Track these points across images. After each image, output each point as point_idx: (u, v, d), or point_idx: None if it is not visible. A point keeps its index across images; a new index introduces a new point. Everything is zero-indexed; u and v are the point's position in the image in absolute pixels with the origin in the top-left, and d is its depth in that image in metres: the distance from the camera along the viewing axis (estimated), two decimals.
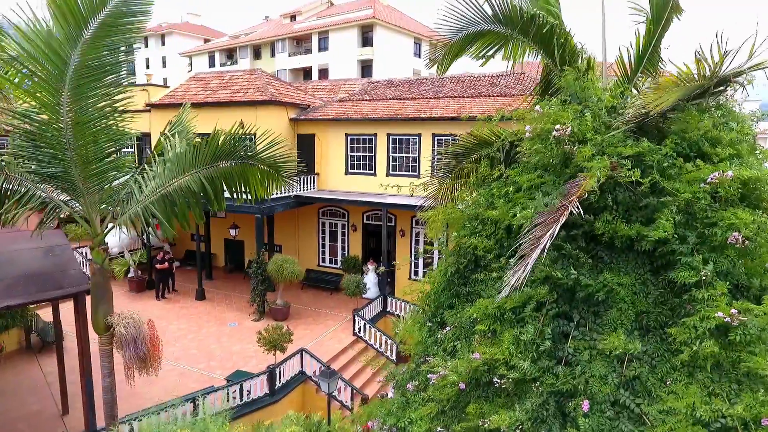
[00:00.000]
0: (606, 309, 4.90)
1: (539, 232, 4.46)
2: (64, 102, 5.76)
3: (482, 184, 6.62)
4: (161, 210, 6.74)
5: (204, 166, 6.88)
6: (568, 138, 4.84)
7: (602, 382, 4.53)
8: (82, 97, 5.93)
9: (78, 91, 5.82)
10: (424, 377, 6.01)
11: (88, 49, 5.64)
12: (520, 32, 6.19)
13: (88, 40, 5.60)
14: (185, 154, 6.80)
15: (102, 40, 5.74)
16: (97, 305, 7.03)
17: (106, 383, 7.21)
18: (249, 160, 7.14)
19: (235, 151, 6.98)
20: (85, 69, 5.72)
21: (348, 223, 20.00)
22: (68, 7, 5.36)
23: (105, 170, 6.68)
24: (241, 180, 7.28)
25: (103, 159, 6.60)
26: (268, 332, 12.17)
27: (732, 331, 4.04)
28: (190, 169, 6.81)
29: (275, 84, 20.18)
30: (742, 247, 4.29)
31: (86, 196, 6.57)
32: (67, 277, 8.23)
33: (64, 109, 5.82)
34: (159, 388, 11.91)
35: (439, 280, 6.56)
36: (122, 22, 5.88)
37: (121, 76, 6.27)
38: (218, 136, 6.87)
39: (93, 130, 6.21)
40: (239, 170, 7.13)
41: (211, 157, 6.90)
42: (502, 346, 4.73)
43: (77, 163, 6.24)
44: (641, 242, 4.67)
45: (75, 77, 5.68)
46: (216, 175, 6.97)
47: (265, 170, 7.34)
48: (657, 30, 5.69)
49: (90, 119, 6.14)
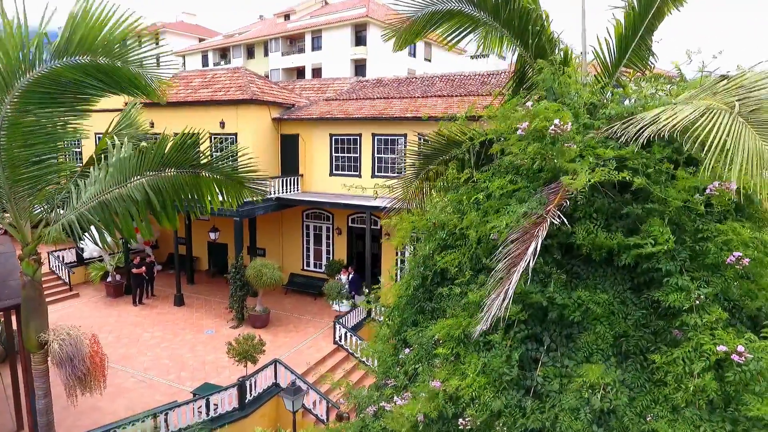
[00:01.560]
0: (580, 331, 4.31)
1: (516, 249, 3.86)
2: (6, 101, 5.10)
3: (451, 189, 6.03)
4: (100, 218, 6.10)
5: (149, 173, 6.16)
6: (566, 136, 4.19)
7: (573, 416, 3.94)
8: (30, 104, 5.27)
9: (26, 97, 5.15)
10: (387, 399, 5.43)
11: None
12: (492, 15, 5.56)
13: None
14: (129, 159, 6.10)
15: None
16: (28, 320, 6.40)
17: (40, 405, 6.58)
18: (202, 169, 6.40)
19: (185, 160, 6.24)
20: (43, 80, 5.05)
21: (333, 226, 19.38)
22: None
23: (38, 174, 6.04)
24: (194, 191, 6.52)
25: (36, 162, 5.95)
26: (239, 343, 11.54)
27: (730, 369, 3.45)
28: (133, 176, 6.11)
29: (258, 83, 19.56)
30: (740, 268, 3.71)
31: (14, 201, 5.94)
32: (5, 287, 7.61)
33: (4, 107, 5.17)
34: (123, 401, 11.32)
35: (403, 293, 5.98)
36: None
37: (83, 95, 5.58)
38: (166, 141, 6.15)
39: (26, 131, 5.56)
40: (191, 180, 6.37)
41: (158, 164, 6.16)
42: (467, 376, 4.13)
43: (5, 165, 5.62)
44: (622, 256, 4.08)
45: (29, 85, 5.02)
46: (163, 185, 6.22)
47: (223, 180, 6.59)
48: (644, 19, 5.04)
49: (29, 124, 5.49)
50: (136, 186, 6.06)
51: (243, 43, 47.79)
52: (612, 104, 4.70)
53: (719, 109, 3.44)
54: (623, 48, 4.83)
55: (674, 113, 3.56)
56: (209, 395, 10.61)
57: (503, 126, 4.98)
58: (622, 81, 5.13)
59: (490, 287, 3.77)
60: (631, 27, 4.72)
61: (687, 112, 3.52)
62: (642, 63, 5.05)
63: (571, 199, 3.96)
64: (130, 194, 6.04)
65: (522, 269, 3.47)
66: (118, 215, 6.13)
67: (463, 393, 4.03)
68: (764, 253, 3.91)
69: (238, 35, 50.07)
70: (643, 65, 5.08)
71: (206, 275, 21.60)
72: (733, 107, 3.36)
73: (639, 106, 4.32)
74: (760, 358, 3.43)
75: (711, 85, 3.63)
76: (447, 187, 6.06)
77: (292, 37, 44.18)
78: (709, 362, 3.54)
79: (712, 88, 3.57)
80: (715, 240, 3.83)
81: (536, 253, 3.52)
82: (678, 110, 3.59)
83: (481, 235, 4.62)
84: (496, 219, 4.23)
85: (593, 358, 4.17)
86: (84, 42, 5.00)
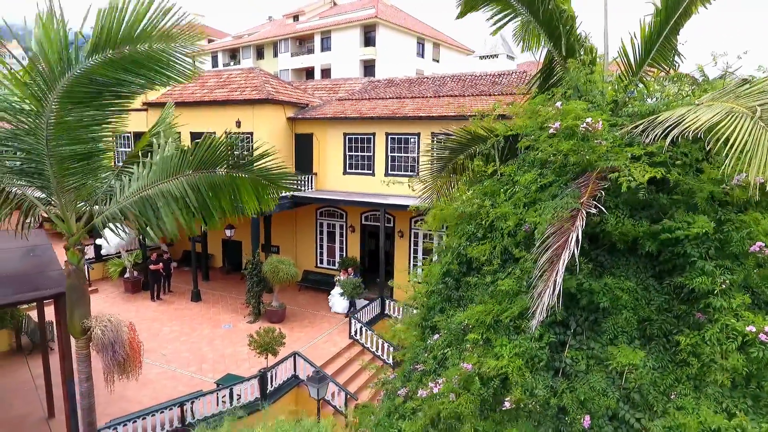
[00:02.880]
0: (605, 316, 4.57)
1: (557, 241, 4.10)
2: (51, 99, 5.38)
3: (477, 181, 6.29)
4: (141, 213, 6.40)
5: (189, 172, 6.38)
6: (597, 133, 4.43)
7: (602, 395, 4.19)
8: (74, 103, 5.54)
9: (70, 95, 5.42)
10: (415, 385, 5.69)
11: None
12: (528, 9, 5.76)
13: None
14: (171, 158, 6.39)
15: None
16: (72, 308, 6.73)
17: (83, 388, 6.91)
18: (238, 170, 6.56)
19: (222, 160, 6.43)
20: (85, 80, 5.34)
21: (346, 223, 19.68)
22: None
23: (84, 170, 6.35)
24: (231, 191, 6.65)
25: (81, 159, 6.26)
26: (260, 335, 11.86)
27: (753, 347, 3.70)
28: (174, 174, 6.36)
29: (273, 83, 19.91)
30: (765, 256, 3.95)
31: (62, 194, 6.27)
32: (46, 278, 7.96)
33: (50, 105, 5.44)
34: (148, 391, 11.65)
35: (432, 281, 6.25)
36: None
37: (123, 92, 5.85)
38: (206, 142, 6.40)
39: (71, 128, 5.85)
40: (228, 181, 6.54)
41: (197, 164, 6.37)
42: (502, 357, 4.36)
43: (53, 160, 5.93)
44: (647, 243, 4.33)
45: (70, 85, 5.29)
46: (201, 184, 6.41)
47: (258, 181, 6.74)
48: (670, 18, 5.22)
49: (73, 122, 5.77)
50: (176, 184, 6.33)
51: (253, 44, 48.23)
52: (636, 103, 4.96)
53: (741, 113, 3.60)
54: (648, 48, 5.07)
55: (697, 115, 3.79)
56: (233, 385, 10.93)
57: (530, 122, 5.25)
58: (646, 80, 5.37)
59: (535, 279, 4.00)
60: (657, 27, 4.94)
61: (710, 114, 3.73)
62: (666, 62, 5.25)
63: (607, 190, 4.20)
64: (171, 191, 6.33)
65: (566, 259, 3.71)
66: (157, 211, 6.41)
67: (502, 373, 4.26)
68: None
69: (247, 36, 50.52)
70: (667, 64, 5.27)
71: (221, 272, 21.95)
72: (755, 112, 3.56)
73: (663, 105, 4.56)
74: None
75: (734, 88, 3.87)
76: (473, 180, 6.33)
77: (302, 38, 44.56)
78: (736, 342, 3.77)
79: (734, 92, 3.80)
80: (739, 229, 4.07)
81: (579, 243, 3.76)
82: (701, 112, 3.83)
83: (513, 226, 4.87)
84: (533, 213, 4.47)
85: (617, 340, 4.42)
86: (115, 38, 5.12)
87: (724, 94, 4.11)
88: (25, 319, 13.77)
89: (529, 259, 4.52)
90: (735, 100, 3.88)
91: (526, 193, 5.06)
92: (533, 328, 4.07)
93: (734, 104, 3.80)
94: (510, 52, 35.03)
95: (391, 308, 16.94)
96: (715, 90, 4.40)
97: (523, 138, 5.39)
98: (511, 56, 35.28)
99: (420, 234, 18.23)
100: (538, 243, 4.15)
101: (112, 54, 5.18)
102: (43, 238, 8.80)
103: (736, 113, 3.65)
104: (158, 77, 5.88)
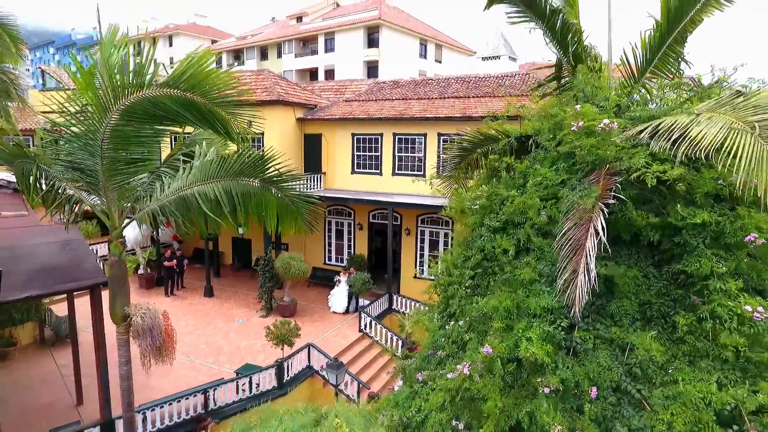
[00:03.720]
0: (608, 301, 5.08)
1: (578, 232, 4.54)
2: (115, 110, 5.95)
3: (492, 177, 6.77)
4: (179, 210, 6.89)
5: (225, 178, 6.91)
6: (612, 133, 4.89)
7: (607, 370, 4.69)
8: (133, 118, 6.16)
9: (131, 111, 6.06)
10: (434, 368, 6.16)
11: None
12: (540, 18, 6.22)
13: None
14: (211, 163, 6.92)
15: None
16: (114, 296, 7.27)
17: (123, 371, 7.44)
18: (269, 183, 7.08)
19: (256, 172, 6.97)
20: (149, 103, 5.99)
21: (354, 221, 20.21)
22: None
23: (130, 171, 6.89)
24: (258, 204, 7.17)
25: (129, 162, 6.81)
26: (276, 327, 12.38)
27: (745, 325, 4.20)
28: (212, 178, 6.88)
29: (282, 84, 20.43)
30: (757, 247, 4.43)
31: (109, 191, 6.79)
32: (83, 270, 8.47)
33: (112, 115, 6.00)
34: (169, 380, 12.15)
35: (452, 271, 6.71)
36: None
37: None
38: (245, 152, 6.96)
39: (125, 137, 6.39)
40: (257, 192, 7.07)
41: (234, 172, 6.92)
42: (532, 341, 4.72)
43: (105, 160, 6.45)
44: (650, 233, 4.82)
45: (134, 103, 5.94)
46: (234, 190, 6.93)
47: (283, 203, 7.26)
48: (672, 30, 5.57)
49: (129, 132, 6.34)
50: (213, 187, 6.84)
51: (256, 45, 48.72)
52: (638, 108, 5.48)
53: (742, 129, 4.03)
54: (650, 58, 5.55)
55: (701, 130, 4.17)
56: (252, 374, 11.46)
57: (545, 122, 5.77)
58: (648, 86, 5.89)
59: (561, 267, 4.47)
60: (657, 40, 5.42)
61: (714, 129, 4.12)
62: (669, 70, 5.69)
63: (621, 184, 4.69)
64: (207, 193, 6.83)
65: (591, 248, 4.19)
66: (192, 210, 6.93)
67: (532, 356, 4.68)
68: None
69: (251, 37, 51.01)
70: (669, 72, 5.70)
71: (231, 269, 22.47)
72: (754, 128, 3.95)
73: (662, 111, 5.08)
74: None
75: (729, 100, 4.36)
76: (489, 175, 6.83)
77: (306, 39, 45.05)
78: (731, 321, 4.26)
79: (730, 103, 4.29)
80: (733, 222, 4.58)
81: (605, 230, 4.22)
82: (704, 126, 4.20)
83: (534, 217, 5.35)
84: (552, 206, 4.97)
85: (621, 322, 4.94)
86: (188, 82, 5.90)
87: (721, 105, 4.53)
88: (48, 312, 14.30)
89: (548, 248, 5.02)
90: (733, 113, 4.29)
91: (544, 186, 5.54)
92: (577, 313, 4.44)
93: (733, 118, 4.20)
94: (512, 54, 35.62)
95: (400, 303, 17.47)
96: (710, 98, 4.90)
97: (537, 137, 5.91)
98: (513, 57, 35.87)
99: (426, 231, 18.75)
100: (560, 235, 4.62)
101: (177, 92, 5.82)
102: (76, 233, 9.31)
103: (737, 129, 4.05)
104: (206, 122, 6.47)
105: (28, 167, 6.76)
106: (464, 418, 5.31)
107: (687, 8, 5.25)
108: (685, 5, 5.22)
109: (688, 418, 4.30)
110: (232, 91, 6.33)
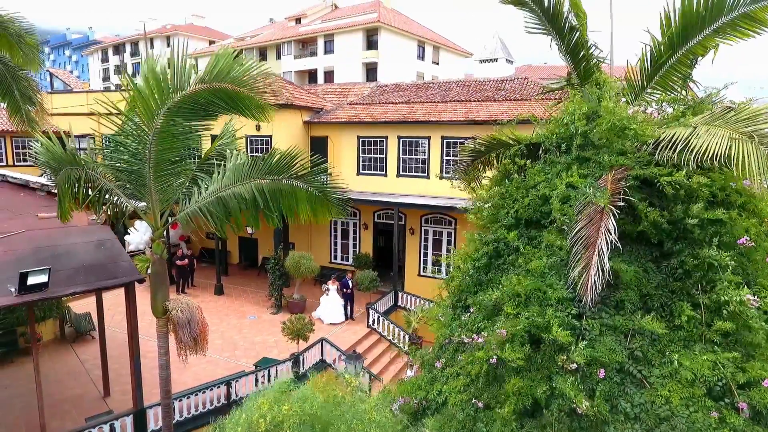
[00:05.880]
0: (612, 292, 5.72)
1: (589, 230, 5.12)
2: (162, 112, 6.54)
3: (504, 178, 7.37)
4: (216, 210, 7.47)
5: (257, 178, 7.48)
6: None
7: (612, 353, 5.33)
8: (177, 116, 6.76)
9: (177, 110, 6.68)
10: (451, 355, 6.78)
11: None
12: (558, 33, 6.83)
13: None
14: (243, 165, 7.52)
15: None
16: (156, 291, 7.83)
17: (162, 361, 8.00)
18: (298, 180, 7.64)
19: (285, 170, 7.54)
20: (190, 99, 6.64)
21: (359, 221, 20.82)
22: None
23: (173, 171, 7.47)
24: (289, 198, 7.70)
25: (174, 162, 7.39)
26: (292, 322, 12.99)
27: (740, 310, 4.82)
28: (245, 180, 7.47)
29: (289, 88, 20.99)
30: (748, 247, 5.04)
31: (153, 194, 7.36)
32: (119, 268, 9.04)
33: (159, 117, 6.59)
34: (190, 374, 12.70)
35: (464, 267, 7.32)
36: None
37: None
38: (274, 154, 7.54)
39: (170, 137, 6.96)
40: (288, 189, 7.61)
41: (265, 172, 7.50)
42: (551, 327, 5.19)
43: (152, 163, 7.02)
44: (653, 233, 5.43)
45: (178, 101, 6.55)
46: (268, 189, 7.49)
47: (313, 195, 7.78)
48: (679, 44, 5.95)
49: (173, 131, 6.92)
50: (247, 188, 7.43)
51: (255, 46, 49.07)
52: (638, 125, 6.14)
53: (740, 138, 4.60)
54: (650, 75, 6.17)
55: (704, 140, 4.76)
56: (270, 366, 12.06)
57: (558, 128, 6.40)
58: (648, 100, 6.54)
59: (573, 261, 5.09)
60: (656, 62, 6.03)
61: (717, 140, 4.71)
62: (670, 88, 6.24)
63: (629, 186, 5.33)
64: (242, 193, 7.42)
65: (603, 244, 4.82)
66: (229, 209, 7.52)
67: (551, 338, 5.26)
68: (760, 238, 5.31)
69: (249, 38, 51.38)
70: (670, 89, 6.25)
71: (238, 268, 23.02)
72: (752, 137, 4.53)
73: (662, 126, 5.74)
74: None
75: (721, 114, 5.01)
76: (502, 176, 7.44)
77: (305, 41, 45.51)
78: (727, 307, 4.85)
79: (722, 117, 4.93)
80: (728, 224, 5.23)
81: (616, 229, 4.82)
82: (706, 137, 4.80)
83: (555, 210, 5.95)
84: (565, 206, 5.62)
85: (624, 311, 5.59)
86: (219, 75, 6.52)
87: (714, 119, 5.13)
88: (68, 310, 14.80)
89: (558, 244, 5.66)
90: (728, 125, 4.86)
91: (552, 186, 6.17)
92: (589, 303, 5.03)
93: (730, 130, 4.77)
94: (509, 56, 36.32)
95: (405, 300, 18.12)
96: (703, 113, 5.55)
97: (545, 143, 6.57)
98: (510, 60, 36.58)
99: (430, 231, 19.40)
100: (573, 233, 5.24)
101: (211, 85, 6.45)
102: (108, 233, 9.86)
103: (737, 139, 4.61)
104: (237, 107, 7.05)
105: (76, 174, 7.31)
106: (483, 399, 5.93)
107: (690, 34, 5.77)
108: (687, 33, 5.80)
109: (684, 394, 4.96)
110: (257, 72, 6.89)
